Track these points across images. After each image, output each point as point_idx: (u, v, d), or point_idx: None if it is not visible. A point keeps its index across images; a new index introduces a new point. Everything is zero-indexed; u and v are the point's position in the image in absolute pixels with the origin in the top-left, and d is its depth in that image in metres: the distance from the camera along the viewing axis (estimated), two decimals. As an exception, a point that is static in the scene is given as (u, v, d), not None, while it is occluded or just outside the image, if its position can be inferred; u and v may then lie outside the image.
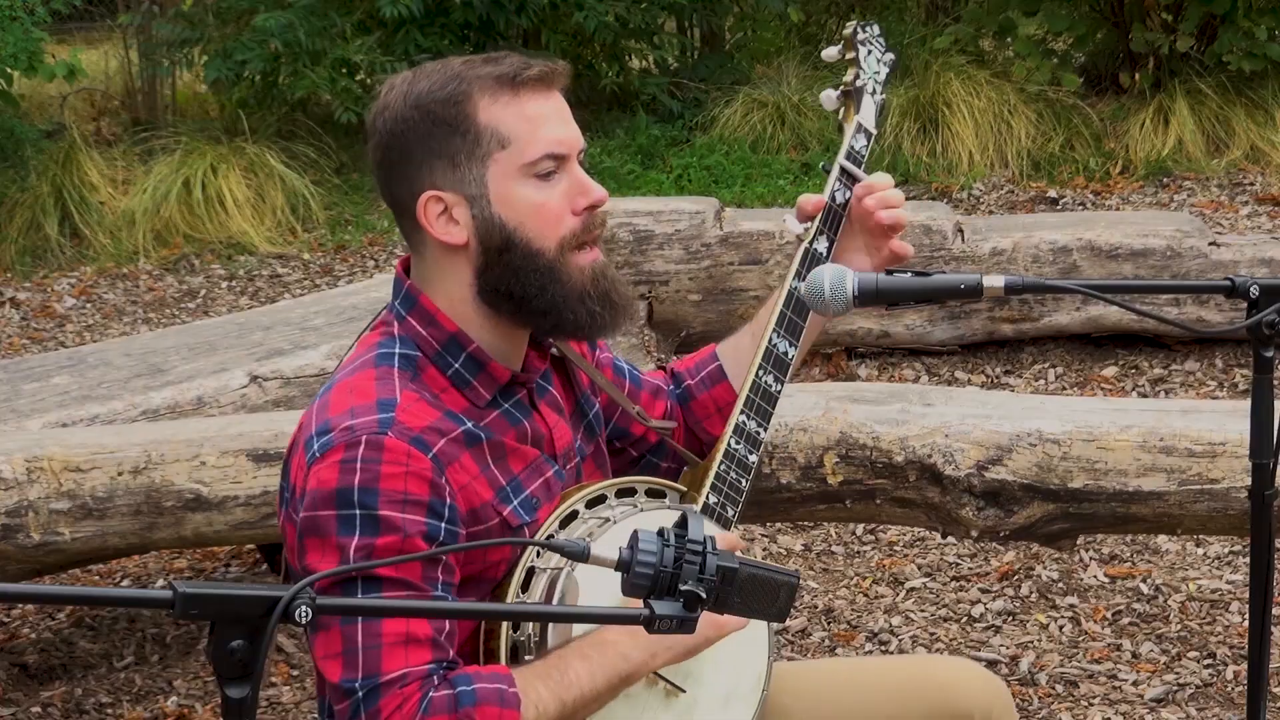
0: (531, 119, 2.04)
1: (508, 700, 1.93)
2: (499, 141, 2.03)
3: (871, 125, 2.34)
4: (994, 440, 3.32)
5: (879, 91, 2.37)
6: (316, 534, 1.96)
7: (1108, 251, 5.43)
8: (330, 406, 2.01)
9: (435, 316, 2.07)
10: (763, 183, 7.61)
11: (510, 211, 2.04)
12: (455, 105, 2.02)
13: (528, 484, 2.09)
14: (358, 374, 2.04)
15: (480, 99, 2.02)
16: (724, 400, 2.34)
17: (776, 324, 2.26)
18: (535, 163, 2.03)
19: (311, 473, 1.97)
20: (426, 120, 2.03)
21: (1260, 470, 2.03)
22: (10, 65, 7.68)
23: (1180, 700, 3.65)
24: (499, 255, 2.04)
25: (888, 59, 2.41)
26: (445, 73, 2.05)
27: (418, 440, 1.97)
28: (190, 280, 7.14)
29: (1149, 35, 7.83)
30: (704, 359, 2.42)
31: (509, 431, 2.09)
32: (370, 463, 1.94)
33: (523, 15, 8.06)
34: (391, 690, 1.91)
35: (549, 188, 2.05)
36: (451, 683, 1.94)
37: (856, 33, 2.39)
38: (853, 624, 4.05)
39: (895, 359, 5.57)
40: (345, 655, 1.93)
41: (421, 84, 2.05)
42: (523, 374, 2.13)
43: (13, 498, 3.43)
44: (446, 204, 2.04)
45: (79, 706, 3.83)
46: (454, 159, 2.03)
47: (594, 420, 2.27)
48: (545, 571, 2.03)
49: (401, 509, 1.94)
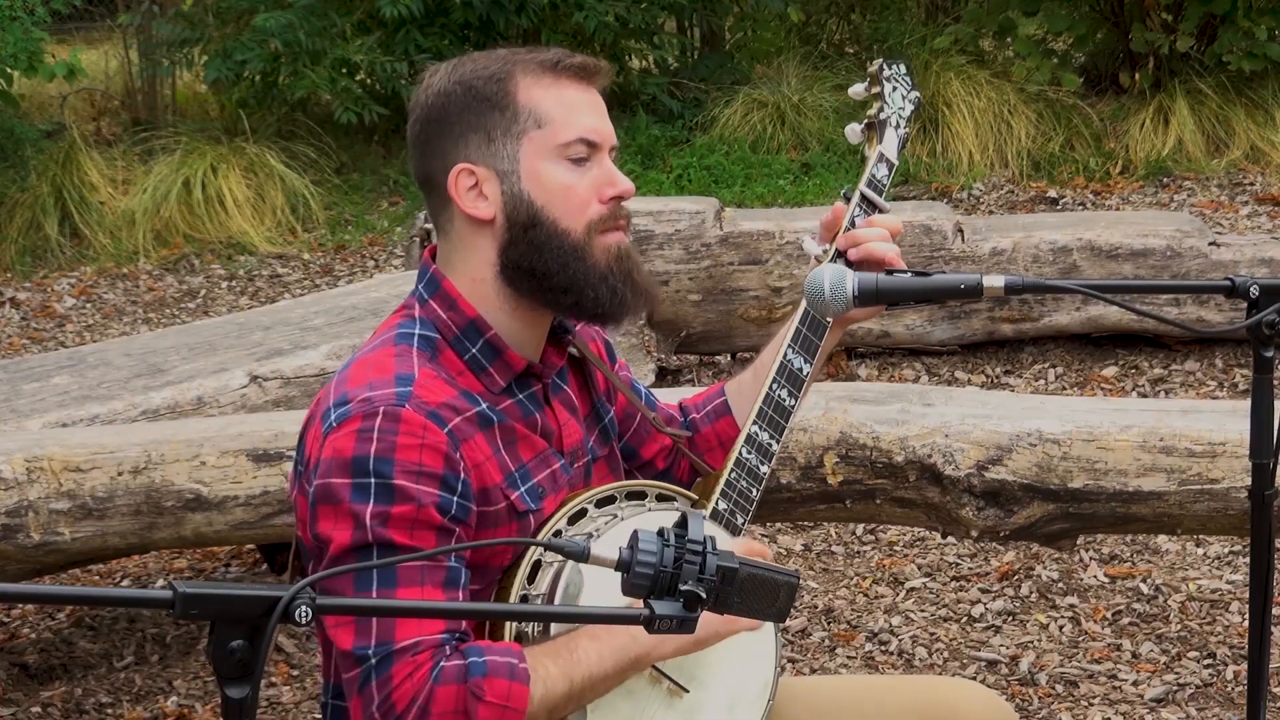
0: (569, 104, 2.09)
1: (517, 674, 1.94)
2: (535, 120, 2.07)
3: (894, 156, 2.39)
4: (994, 440, 3.32)
5: (903, 126, 2.42)
6: (330, 500, 1.98)
7: (1108, 251, 5.43)
8: (349, 380, 2.04)
9: (456, 301, 2.10)
10: (763, 183, 7.61)
11: (539, 189, 2.08)
12: (497, 82, 2.08)
13: (535, 473, 2.11)
14: (377, 351, 2.07)
15: (522, 79, 2.08)
16: (727, 435, 2.38)
17: (793, 340, 2.28)
18: (568, 145, 2.08)
19: (328, 441, 1.99)
20: (468, 94, 2.08)
21: (1260, 470, 2.03)
22: (10, 65, 7.68)
23: (1180, 700, 3.65)
24: (524, 232, 2.08)
25: (913, 97, 2.45)
26: (491, 55, 2.13)
27: (434, 414, 1.99)
28: (190, 280, 7.14)
29: (1149, 35, 7.83)
30: (711, 394, 2.46)
31: (521, 419, 2.12)
32: (387, 433, 1.97)
33: (523, 15, 8.06)
34: (404, 658, 1.93)
35: (580, 173, 2.09)
36: (463, 653, 1.95)
37: (882, 69, 2.43)
38: (853, 624, 4.05)
39: (895, 359, 5.57)
40: (359, 622, 1.95)
41: (467, 66, 2.12)
42: (539, 366, 2.15)
43: (13, 498, 3.43)
44: (478, 178, 2.08)
45: (79, 706, 3.83)
46: (490, 133, 2.08)
47: (609, 426, 2.30)
48: (552, 565, 2.05)
49: (416, 479, 1.96)
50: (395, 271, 6.60)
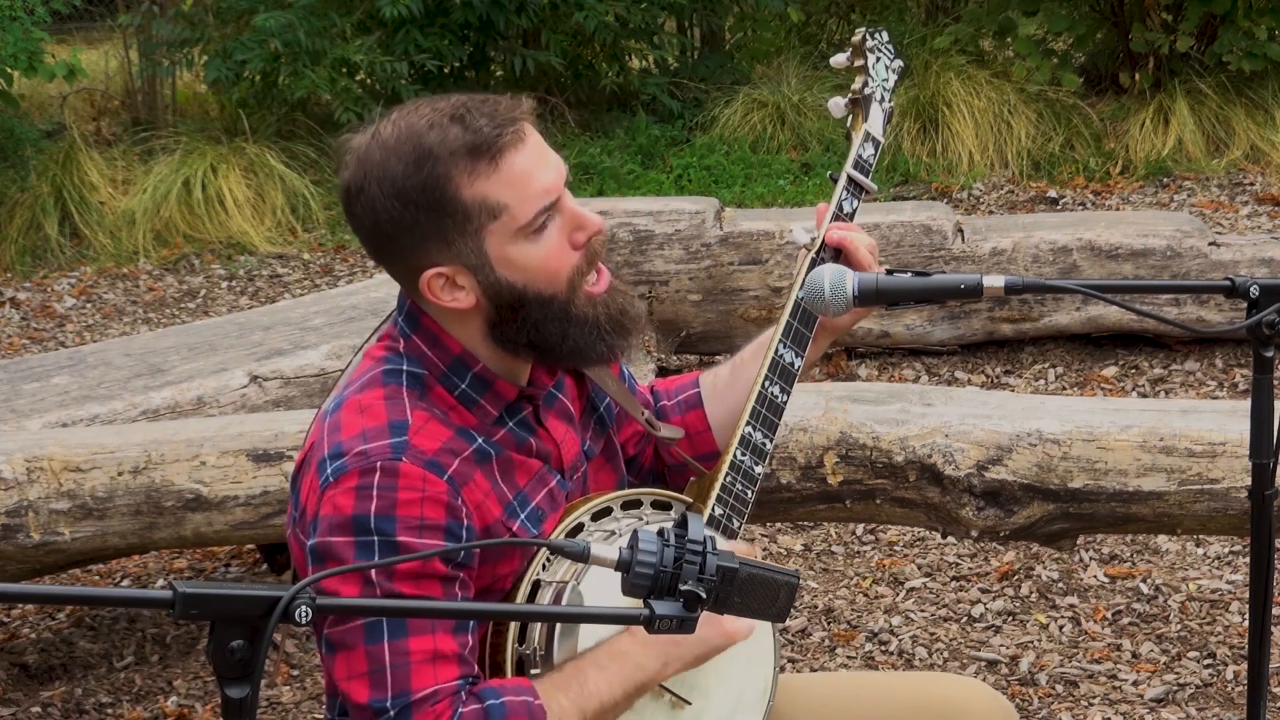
0: (516, 181, 1.97)
1: (534, 713, 1.93)
2: (489, 213, 1.96)
3: (880, 134, 2.32)
4: (994, 440, 3.32)
5: (887, 99, 2.35)
6: (334, 560, 1.94)
7: (1108, 251, 5.43)
8: (342, 428, 1.99)
9: (440, 338, 2.05)
10: (763, 183, 7.61)
11: (515, 272, 2.00)
12: (437, 190, 1.95)
13: (533, 496, 2.09)
14: (366, 393, 2.02)
15: (460, 178, 1.95)
16: (695, 428, 2.34)
17: (783, 334, 2.22)
18: (530, 223, 1.98)
19: (325, 498, 1.95)
20: (409, 209, 1.96)
21: (1260, 470, 2.03)
22: (10, 65, 7.68)
23: (1180, 700, 3.64)
24: (513, 312, 2.02)
25: (896, 66, 2.38)
26: (417, 150, 1.96)
27: (433, 464, 1.96)
28: (190, 280, 7.14)
29: (1149, 35, 7.83)
30: (685, 383, 2.40)
31: (515, 447, 2.09)
32: (386, 489, 1.93)
33: (523, 15, 8.06)
34: (423, 708, 1.91)
35: (547, 237, 2.00)
36: (479, 696, 1.94)
37: (866, 39, 2.36)
38: (853, 624, 4.05)
39: (895, 359, 5.57)
40: (373, 675, 1.92)
41: (394, 166, 1.96)
42: (529, 389, 2.12)
43: (13, 498, 3.43)
44: (448, 276, 2.00)
45: (79, 706, 3.83)
46: (447, 238, 1.97)
47: (605, 413, 2.26)
48: (551, 585, 2.04)
49: (419, 534, 1.93)
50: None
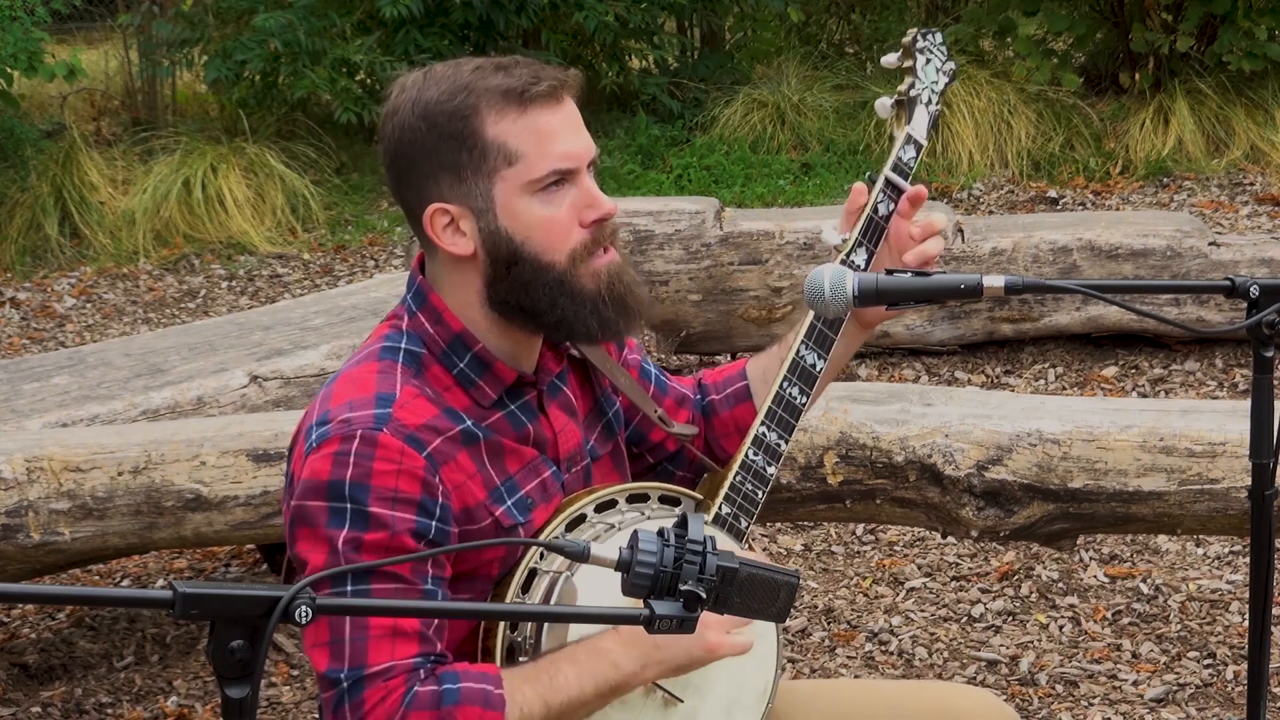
0: (539, 134, 2.00)
1: (492, 701, 1.93)
2: (506, 158, 2.00)
3: (922, 137, 2.29)
4: (994, 440, 3.32)
5: (934, 102, 2.31)
6: (306, 523, 1.97)
7: (1108, 251, 5.43)
8: (332, 398, 2.02)
9: (442, 315, 2.07)
10: (763, 183, 7.61)
11: (517, 225, 2.01)
12: (462, 119, 1.99)
13: (523, 484, 2.08)
14: (360, 366, 2.05)
15: (488, 114, 1.99)
16: (745, 421, 2.31)
17: (806, 335, 2.21)
18: (542, 179, 2.01)
19: (307, 462, 1.98)
20: (433, 133, 2.00)
21: (1260, 470, 2.03)
22: (10, 65, 7.68)
23: (1180, 700, 3.64)
24: (507, 268, 2.03)
25: (948, 69, 2.34)
26: (454, 82, 2.01)
27: (412, 438, 1.97)
28: (190, 280, 7.14)
29: (1149, 35, 7.83)
30: (732, 376, 2.38)
31: (510, 433, 2.09)
32: (363, 458, 1.95)
33: (523, 15, 8.06)
34: (376, 683, 1.92)
35: (556, 202, 2.02)
36: (438, 679, 1.94)
37: (916, 40, 2.32)
38: (853, 624, 4.05)
39: (895, 359, 5.57)
40: (333, 645, 1.93)
41: (430, 91, 2.02)
42: (533, 375, 2.12)
43: (13, 498, 3.43)
44: (453, 216, 2.02)
45: (79, 706, 3.83)
46: (460, 173, 2.01)
47: (613, 419, 2.26)
48: (547, 574, 2.03)
49: (391, 506, 1.95)
50: (395, 271, 6.60)
